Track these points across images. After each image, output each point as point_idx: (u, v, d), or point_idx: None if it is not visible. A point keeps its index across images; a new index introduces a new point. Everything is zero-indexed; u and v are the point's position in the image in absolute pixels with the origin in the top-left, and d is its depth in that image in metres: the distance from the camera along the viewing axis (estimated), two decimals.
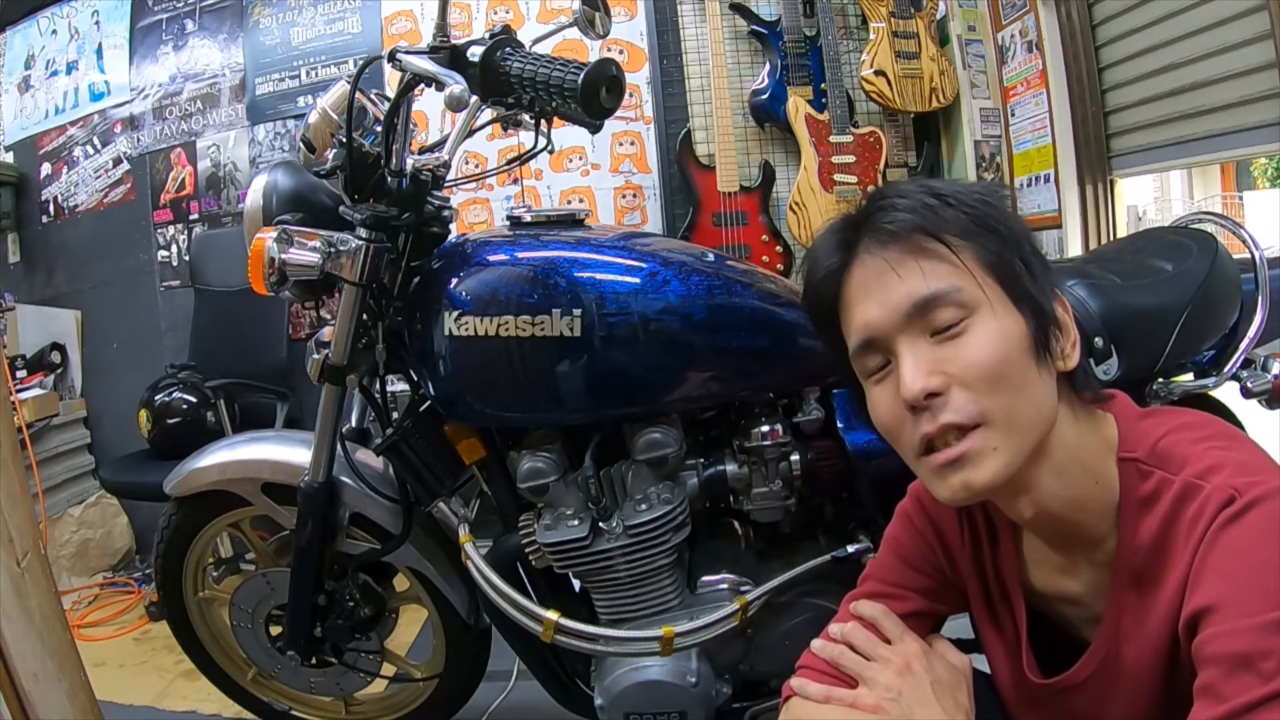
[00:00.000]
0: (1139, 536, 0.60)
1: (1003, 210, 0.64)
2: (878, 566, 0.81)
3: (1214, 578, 0.53)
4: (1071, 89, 2.20)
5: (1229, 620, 0.51)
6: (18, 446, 1.01)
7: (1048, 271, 0.64)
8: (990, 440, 0.59)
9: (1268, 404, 1.13)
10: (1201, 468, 0.58)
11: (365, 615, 1.29)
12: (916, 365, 0.60)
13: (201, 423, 2.10)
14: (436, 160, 1.05)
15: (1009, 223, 0.64)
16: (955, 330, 0.60)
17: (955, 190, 0.64)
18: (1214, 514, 0.54)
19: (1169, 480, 0.59)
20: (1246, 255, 1.13)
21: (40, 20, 2.90)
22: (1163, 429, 0.63)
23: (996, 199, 0.65)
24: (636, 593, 1.10)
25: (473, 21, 2.47)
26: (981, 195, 0.64)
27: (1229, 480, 0.55)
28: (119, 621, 2.28)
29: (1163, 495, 0.59)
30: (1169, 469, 0.59)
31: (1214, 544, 0.54)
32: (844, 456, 1.11)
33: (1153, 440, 0.62)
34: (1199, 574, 0.54)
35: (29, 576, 0.94)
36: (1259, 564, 0.51)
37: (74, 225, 2.82)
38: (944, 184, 0.66)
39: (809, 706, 0.71)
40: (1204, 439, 0.60)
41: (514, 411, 1.08)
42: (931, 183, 0.66)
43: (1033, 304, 0.62)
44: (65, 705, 0.97)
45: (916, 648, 0.70)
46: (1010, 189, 2.38)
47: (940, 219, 0.62)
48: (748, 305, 1.07)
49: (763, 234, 2.43)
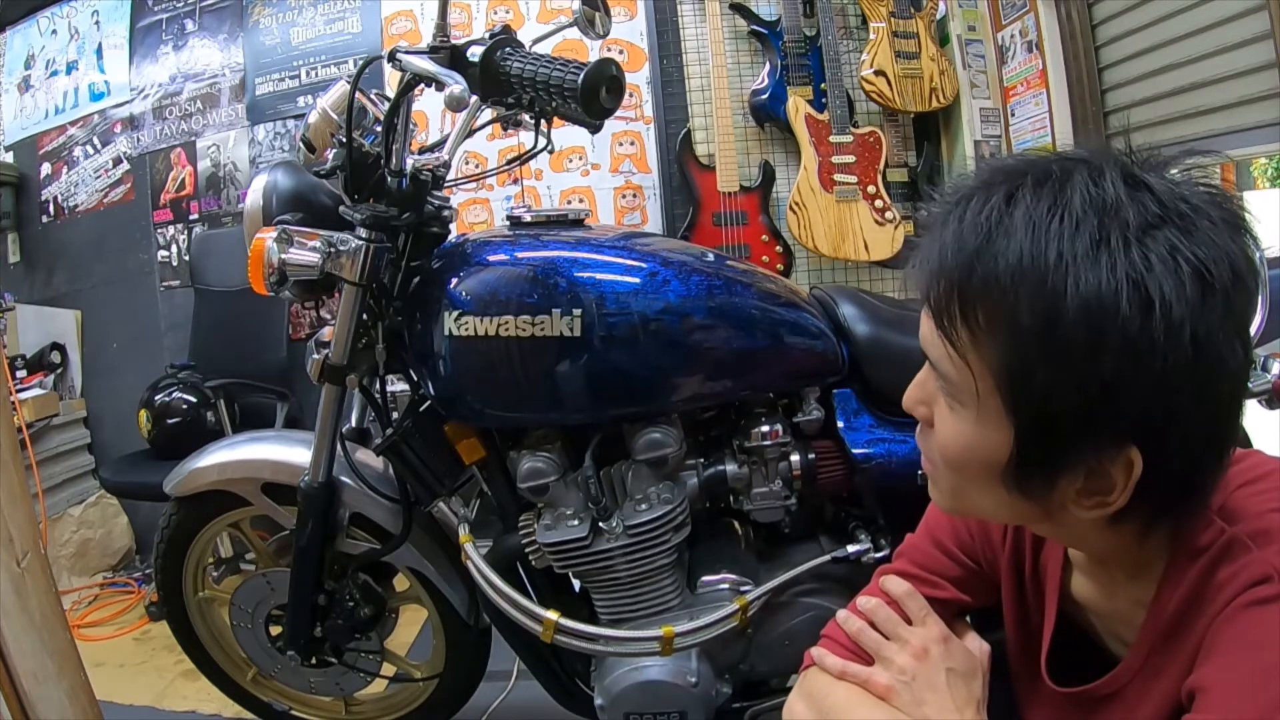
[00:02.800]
0: (1181, 584, 0.55)
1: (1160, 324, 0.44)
2: (912, 548, 0.80)
3: (1218, 660, 0.49)
4: (1071, 89, 2.20)
5: (1212, 711, 0.48)
6: (18, 446, 1.01)
7: (1172, 423, 0.46)
8: (938, 497, 0.61)
9: (1268, 404, 1.13)
10: (1255, 528, 0.52)
11: (365, 615, 1.29)
12: (917, 386, 0.60)
13: (201, 423, 2.10)
14: (436, 160, 1.05)
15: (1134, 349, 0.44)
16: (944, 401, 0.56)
17: (1103, 274, 0.44)
18: (1243, 587, 0.49)
19: (1222, 531, 0.53)
20: None
21: (40, 20, 2.90)
22: (1240, 479, 0.56)
23: (1174, 299, 0.44)
24: (636, 593, 1.10)
25: (473, 21, 2.47)
26: (1145, 285, 0.43)
27: (1274, 557, 0.49)
28: (119, 621, 2.28)
29: (1212, 546, 0.53)
30: (1228, 520, 0.54)
31: (1232, 620, 0.49)
32: (844, 457, 1.11)
33: (1228, 492, 0.55)
34: (1209, 648, 0.51)
35: (29, 576, 0.94)
36: (1266, 665, 0.47)
37: (74, 225, 2.82)
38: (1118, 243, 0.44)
39: (824, 679, 0.70)
40: (1277, 498, 0.54)
41: (514, 411, 1.08)
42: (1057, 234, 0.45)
43: (1039, 446, 0.50)
44: (65, 705, 0.97)
45: (937, 632, 0.70)
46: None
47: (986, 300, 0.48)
48: (748, 305, 1.06)
49: (763, 234, 2.43)
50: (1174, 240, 0.44)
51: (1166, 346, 0.44)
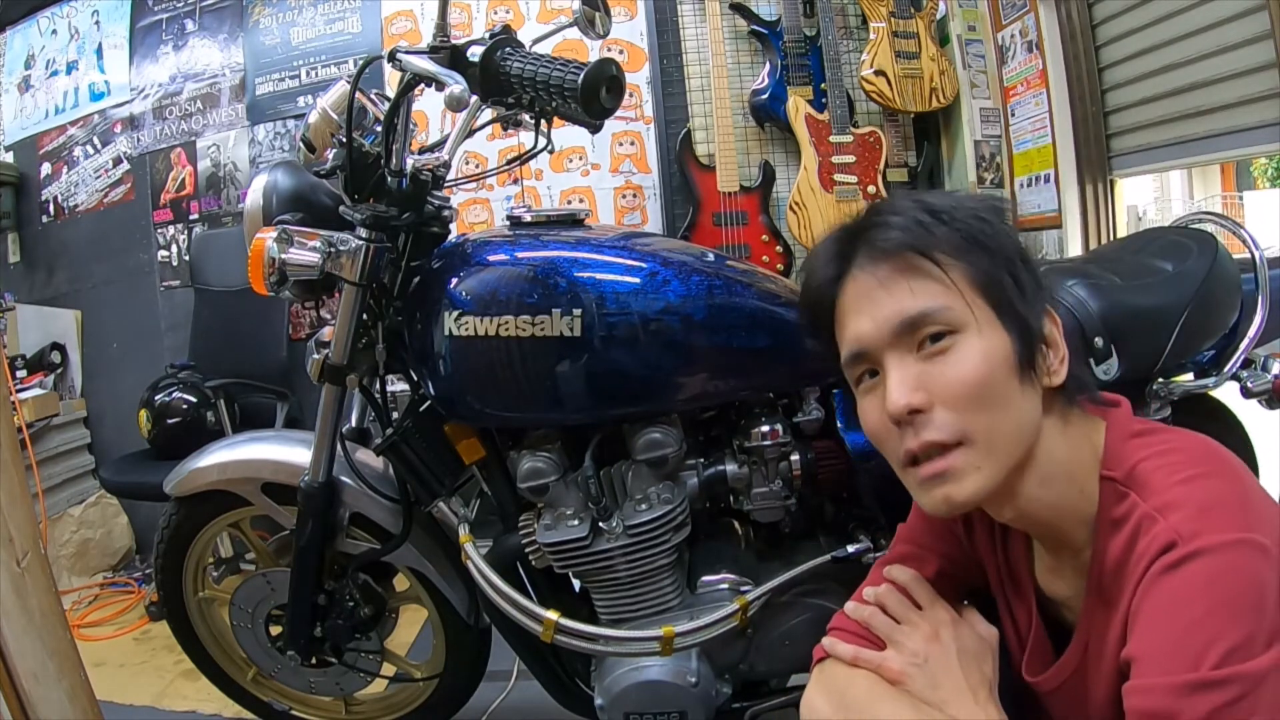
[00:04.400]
0: (1108, 555, 0.60)
1: (998, 226, 0.64)
2: (908, 529, 0.82)
3: (1143, 628, 0.54)
4: (1071, 89, 2.20)
5: (1148, 675, 0.52)
6: (18, 446, 1.01)
7: (1040, 288, 0.65)
8: (971, 459, 0.60)
9: (1268, 404, 1.13)
10: (1161, 502, 0.57)
11: (365, 615, 1.29)
12: (902, 381, 0.61)
13: (201, 423, 2.10)
14: (436, 160, 1.05)
15: (1002, 239, 0.64)
16: (941, 347, 0.61)
17: (951, 205, 0.64)
18: (1154, 556, 0.55)
19: (1137, 505, 0.59)
20: (1246, 255, 1.13)
21: (40, 20, 2.90)
22: (1147, 451, 0.62)
23: (993, 214, 0.65)
24: (636, 593, 1.10)
25: (473, 21, 2.47)
26: (977, 211, 0.64)
27: (1177, 524, 0.55)
28: (119, 621, 2.28)
29: (1129, 519, 0.59)
30: (1141, 494, 0.59)
31: (1149, 590, 0.55)
32: (844, 456, 1.11)
33: (1134, 461, 0.62)
34: (1134, 618, 0.55)
35: (29, 576, 0.94)
36: (1186, 622, 0.52)
37: (74, 225, 2.82)
38: (941, 198, 0.66)
39: (842, 671, 0.71)
40: (1181, 470, 0.59)
41: (514, 411, 1.08)
42: (928, 197, 0.66)
43: (1020, 323, 0.62)
44: (65, 705, 0.97)
45: (946, 615, 0.71)
46: (1011, 197, 2.38)
47: (932, 237, 0.63)
48: (748, 305, 1.06)
49: (763, 234, 2.43)
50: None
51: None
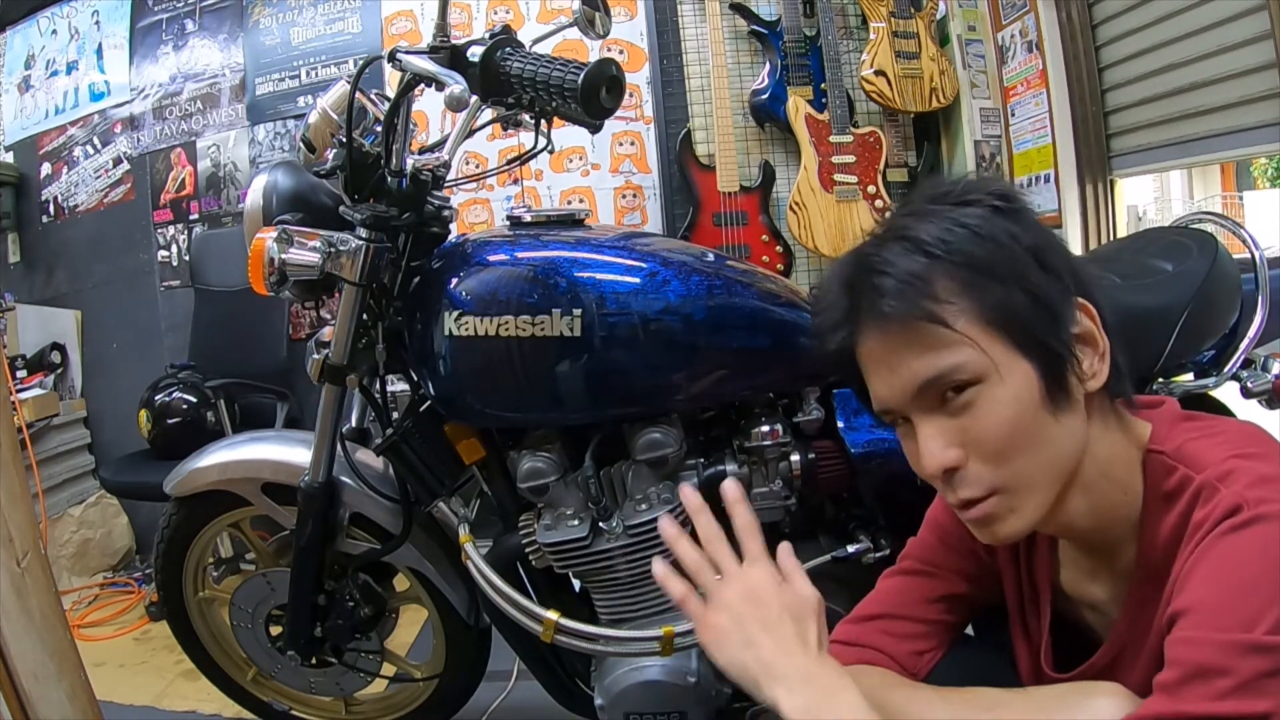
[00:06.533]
0: (1160, 532, 0.60)
1: (1002, 238, 0.60)
2: (918, 546, 0.81)
3: (1198, 582, 0.54)
4: (1071, 89, 2.20)
5: (1201, 628, 0.51)
6: (18, 446, 1.01)
7: (1065, 286, 0.61)
8: (1008, 503, 0.61)
9: (1268, 404, 1.13)
10: (1220, 472, 0.57)
11: (365, 615, 1.29)
12: (932, 439, 0.61)
13: (201, 423, 2.10)
14: (436, 160, 1.05)
15: (1008, 252, 0.59)
16: (965, 401, 0.60)
17: (945, 231, 0.60)
18: (1219, 519, 0.54)
19: (1190, 478, 0.59)
20: (1246, 255, 1.13)
21: (40, 20, 2.90)
22: (1197, 432, 0.62)
23: (995, 222, 0.60)
24: (636, 593, 1.10)
25: (473, 21, 2.47)
26: (976, 229, 0.60)
27: (1242, 490, 0.55)
28: (119, 621, 2.28)
29: (1183, 492, 0.59)
30: (1193, 467, 0.59)
31: (1209, 550, 0.54)
32: (844, 457, 1.11)
33: (1183, 439, 0.62)
34: (1188, 575, 0.55)
35: (29, 576, 0.94)
36: (1245, 580, 0.51)
37: (74, 225, 2.82)
38: (933, 226, 0.60)
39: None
40: (1235, 446, 0.59)
41: (514, 411, 1.08)
42: (918, 232, 0.60)
43: (1042, 349, 0.59)
44: (65, 705, 0.97)
45: (767, 574, 0.69)
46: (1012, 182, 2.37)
47: (932, 290, 0.59)
48: (748, 305, 1.07)
49: (763, 234, 2.43)
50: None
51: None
